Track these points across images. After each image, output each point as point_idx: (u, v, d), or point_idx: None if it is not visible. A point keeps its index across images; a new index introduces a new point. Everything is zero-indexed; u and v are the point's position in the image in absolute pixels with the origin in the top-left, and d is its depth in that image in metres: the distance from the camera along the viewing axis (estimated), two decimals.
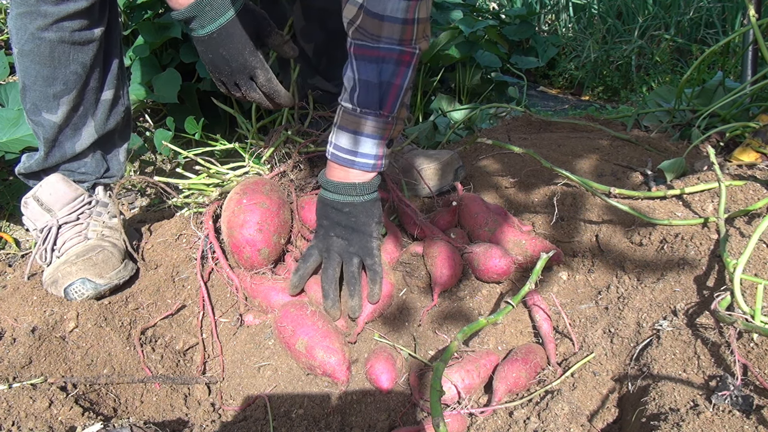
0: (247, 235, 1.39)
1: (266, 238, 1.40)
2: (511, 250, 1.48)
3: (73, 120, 1.45)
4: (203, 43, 1.28)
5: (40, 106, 1.40)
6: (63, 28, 1.31)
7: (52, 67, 1.35)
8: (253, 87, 1.36)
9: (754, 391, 1.01)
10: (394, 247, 1.52)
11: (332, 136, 1.33)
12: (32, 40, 1.31)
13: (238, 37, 1.28)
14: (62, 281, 1.36)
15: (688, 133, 2.13)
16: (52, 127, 1.43)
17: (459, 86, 3.33)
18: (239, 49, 1.29)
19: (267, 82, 1.36)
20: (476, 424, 1.17)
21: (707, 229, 1.41)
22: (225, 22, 1.26)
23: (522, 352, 1.28)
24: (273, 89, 1.37)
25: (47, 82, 1.37)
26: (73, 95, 1.40)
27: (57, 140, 1.46)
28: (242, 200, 1.41)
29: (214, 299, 1.48)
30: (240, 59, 1.30)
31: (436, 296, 1.42)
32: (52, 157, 1.48)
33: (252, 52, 1.31)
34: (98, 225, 1.52)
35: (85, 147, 1.49)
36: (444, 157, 1.77)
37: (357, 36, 1.24)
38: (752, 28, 1.81)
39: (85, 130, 1.48)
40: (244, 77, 1.34)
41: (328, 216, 1.35)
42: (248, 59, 1.31)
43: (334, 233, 1.35)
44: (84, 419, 1.12)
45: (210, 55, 1.30)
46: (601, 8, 4.38)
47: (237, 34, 1.28)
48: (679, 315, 1.23)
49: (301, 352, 1.26)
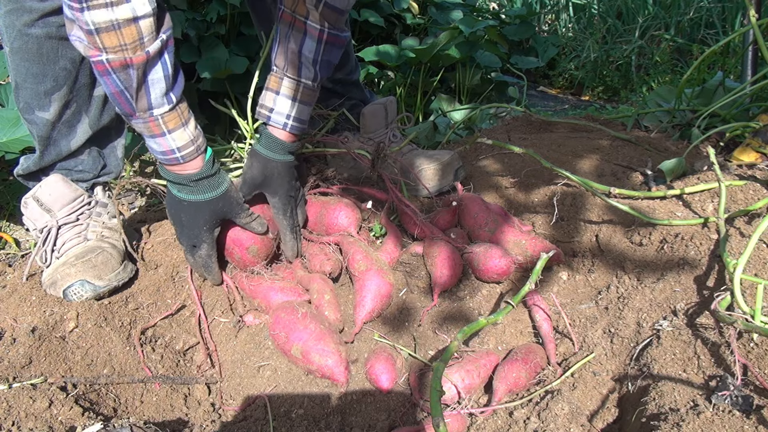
0: (233, 234, 1.39)
1: (251, 235, 1.40)
2: (511, 250, 1.48)
3: (66, 117, 1.45)
4: (193, 205, 1.31)
5: (33, 105, 1.41)
6: (49, 23, 1.31)
7: (41, 63, 1.35)
8: (193, 252, 1.38)
9: (754, 391, 1.01)
10: (394, 247, 1.52)
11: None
12: (20, 36, 1.32)
13: (211, 212, 1.33)
14: (61, 283, 1.36)
15: (688, 133, 2.13)
16: (45, 125, 1.43)
17: (459, 86, 3.33)
18: (204, 221, 1.33)
19: (207, 258, 1.39)
20: (476, 424, 1.17)
21: (707, 229, 1.41)
22: (222, 192, 1.32)
23: (522, 352, 1.28)
24: (208, 266, 1.40)
25: (37, 80, 1.37)
26: (64, 92, 1.40)
27: (51, 137, 1.46)
28: None
29: (214, 299, 1.48)
30: (196, 230, 1.34)
31: (436, 296, 1.42)
32: (48, 155, 1.48)
33: (211, 228, 1.35)
34: (98, 226, 1.52)
35: (80, 144, 1.49)
36: (444, 157, 1.77)
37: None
38: (752, 28, 1.81)
39: (80, 127, 1.48)
40: (195, 243, 1.36)
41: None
42: (203, 234, 1.35)
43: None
44: (84, 419, 1.12)
45: (182, 216, 1.33)
46: (601, 8, 4.38)
47: (218, 207, 1.33)
48: (679, 315, 1.23)
49: (298, 357, 1.26)
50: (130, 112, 1.18)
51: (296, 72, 1.37)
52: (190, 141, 1.24)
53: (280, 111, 1.39)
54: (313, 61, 1.36)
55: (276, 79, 1.39)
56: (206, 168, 1.29)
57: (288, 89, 1.38)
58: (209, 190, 1.30)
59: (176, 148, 1.23)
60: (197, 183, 1.29)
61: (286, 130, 1.40)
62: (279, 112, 1.39)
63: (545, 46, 4.19)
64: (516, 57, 3.88)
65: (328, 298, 1.37)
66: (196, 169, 1.28)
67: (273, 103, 1.39)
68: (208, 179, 1.30)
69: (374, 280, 1.38)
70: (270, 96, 1.39)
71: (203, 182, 1.29)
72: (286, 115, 1.39)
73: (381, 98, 1.91)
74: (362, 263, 1.40)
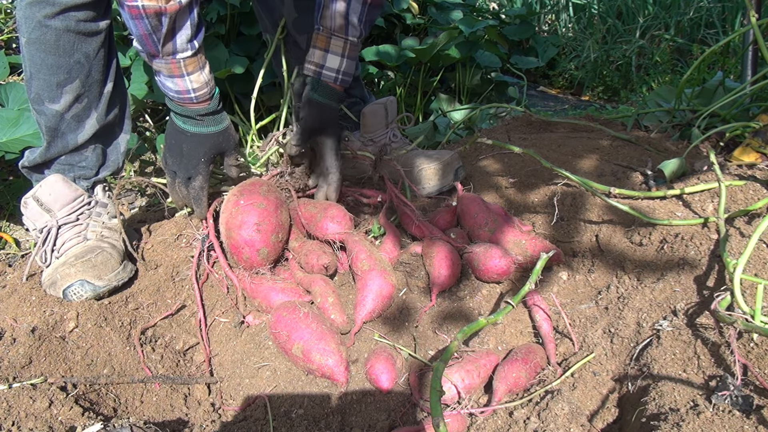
0: (246, 235, 1.39)
1: (264, 239, 1.40)
2: (511, 250, 1.48)
3: (76, 111, 1.47)
4: (196, 137, 1.44)
5: (43, 96, 1.44)
6: (69, 17, 1.35)
7: (56, 55, 1.39)
8: (187, 184, 1.49)
9: (754, 391, 1.01)
10: (393, 246, 1.52)
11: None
12: (39, 27, 1.35)
13: (211, 145, 1.46)
14: (61, 283, 1.36)
15: (688, 133, 2.13)
16: (54, 116, 1.46)
17: (459, 86, 3.33)
18: (203, 153, 1.46)
19: (200, 190, 1.49)
20: (476, 424, 1.17)
21: (707, 229, 1.41)
22: (224, 128, 1.47)
23: (522, 352, 1.28)
24: (199, 198, 1.51)
25: (51, 71, 1.40)
26: (76, 85, 1.44)
27: (59, 130, 1.48)
28: (239, 201, 1.42)
29: (214, 299, 1.48)
30: (195, 161, 1.46)
31: (434, 296, 1.42)
32: (54, 147, 1.50)
33: (208, 161, 1.48)
34: (97, 226, 1.52)
35: (86, 138, 1.52)
36: (444, 157, 1.77)
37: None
38: (752, 29, 1.81)
39: (88, 122, 1.51)
40: (191, 174, 1.48)
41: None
42: (201, 165, 1.47)
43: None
44: (84, 419, 1.11)
45: (183, 146, 1.45)
46: (601, 8, 4.38)
47: (218, 142, 1.47)
48: (679, 315, 1.23)
49: (298, 356, 1.26)
50: (154, 53, 1.29)
51: (344, 31, 1.51)
52: (204, 83, 1.37)
53: (331, 67, 1.54)
54: (359, 20, 1.50)
55: (323, 38, 1.52)
56: (213, 104, 1.42)
57: (337, 47, 1.53)
58: (213, 125, 1.44)
59: (192, 89, 1.36)
60: (203, 117, 1.42)
61: (337, 84, 1.56)
62: (329, 67, 1.54)
63: (545, 46, 4.19)
64: (516, 57, 3.88)
65: (332, 301, 1.37)
66: (205, 105, 1.41)
67: (323, 60, 1.54)
68: (212, 115, 1.43)
69: (377, 280, 1.38)
70: (319, 53, 1.54)
71: (208, 118, 1.43)
72: (336, 69, 1.54)
73: (381, 98, 1.91)
74: (366, 262, 1.40)
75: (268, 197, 1.44)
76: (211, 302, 1.48)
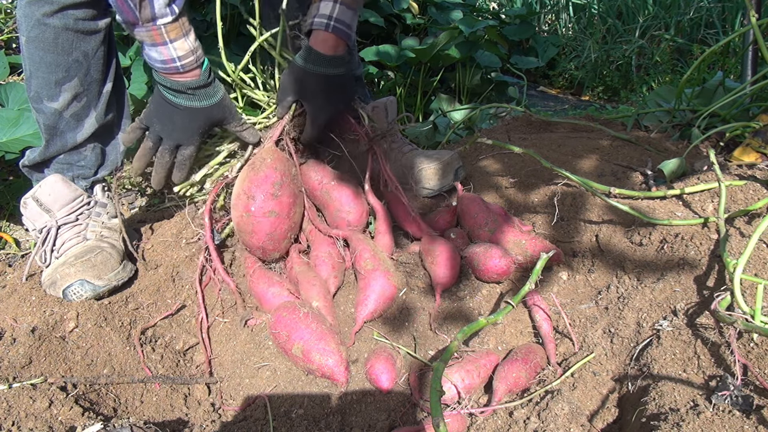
0: (257, 242, 1.41)
1: (276, 246, 1.43)
2: (511, 250, 1.48)
3: (76, 110, 1.48)
4: (190, 110, 1.37)
5: (42, 94, 1.44)
6: (67, 15, 1.35)
7: (55, 53, 1.39)
8: (175, 150, 1.42)
9: (754, 391, 1.01)
10: (386, 227, 1.54)
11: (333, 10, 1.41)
12: (38, 26, 1.36)
13: (206, 118, 1.39)
14: (61, 282, 1.36)
15: (688, 133, 2.13)
16: (52, 114, 1.46)
17: (459, 86, 3.33)
18: (199, 126, 1.40)
19: (188, 158, 1.43)
20: (476, 424, 1.17)
21: (707, 229, 1.41)
22: (218, 100, 1.40)
23: (522, 352, 1.28)
24: (184, 165, 1.44)
25: (50, 69, 1.41)
26: (75, 83, 1.44)
27: (58, 128, 1.49)
28: (251, 207, 1.37)
29: (214, 298, 1.48)
30: (189, 133, 1.40)
31: (438, 296, 1.42)
32: (53, 146, 1.51)
33: (204, 132, 1.42)
34: (97, 225, 1.52)
35: (86, 137, 1.52)
36: (444, 157, 1.77)
37: None
38: (752, 29, 1.81)
39: (87, 121, 1.51)
40: (183, 143, 1.41)
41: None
42: (195, 137, 1.41)
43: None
44: (84, 419, 1.11)
45: (175, 118, 1.37)
46: (601, 8, 4.38)
47: (213, 114, 1.40)
48: (679, 315, 1.23)
49: (298, 356, 1.26)
50: (133, 20, 1.22)
51: None
52: (190, 51, 1.30)
53: (323, 13, 1.41)
54: None
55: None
56: (203, 77, 1.35)
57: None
58: (206, 98, 1.37)
59: (177, 57, 1.28)
60: (195, 91, 1.35)
61: (329, 31, 1.40)
62: (321, 14, 1.41)
63: (545, 46, 4.19)
64: (516, 57, 3.88)
65: (317, 305, 1.37)
66: (194, 77, 1.33)
67: (316, 10, 1.42)
68: (204, 88, 1.36)
69: (380, 281, 1.38)
70: (314, 6, 1.43)
71: (200, 91, 1.36)
72: (328, 16, 1.41)
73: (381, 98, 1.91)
74: (369, 262, 1.40)
75: (282, 199, 1.39)
76: (211, 302, 1.48)
